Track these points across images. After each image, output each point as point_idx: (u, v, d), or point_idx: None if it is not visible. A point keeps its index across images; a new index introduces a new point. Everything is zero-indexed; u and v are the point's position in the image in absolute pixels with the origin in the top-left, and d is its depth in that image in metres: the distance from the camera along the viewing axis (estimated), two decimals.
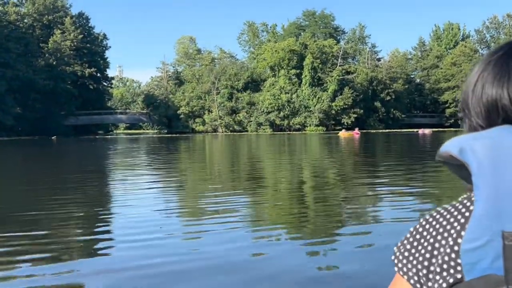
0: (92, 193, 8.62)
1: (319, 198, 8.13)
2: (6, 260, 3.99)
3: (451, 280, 0.54)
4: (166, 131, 60.86)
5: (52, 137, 45.56)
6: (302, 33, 70.81)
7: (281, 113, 61.85)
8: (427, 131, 49.53)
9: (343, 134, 47.17)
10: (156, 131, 65.89)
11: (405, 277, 0.63)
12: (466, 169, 0.54)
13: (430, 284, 0.58)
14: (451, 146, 0.56)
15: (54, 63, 56.24)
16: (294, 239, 5.04)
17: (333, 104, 61.12)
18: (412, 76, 77.32)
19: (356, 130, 48.67)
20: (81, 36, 58.82)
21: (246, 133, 58.80)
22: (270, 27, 74.65)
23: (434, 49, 76.49)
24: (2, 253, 4.24)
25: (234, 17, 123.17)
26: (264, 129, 59.13)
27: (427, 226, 0.61)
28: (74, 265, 3.88)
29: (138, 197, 7.94)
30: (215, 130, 58.89)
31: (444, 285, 0.55)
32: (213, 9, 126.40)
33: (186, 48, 64.74)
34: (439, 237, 0.58)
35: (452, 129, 61.75)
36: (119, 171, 13.86)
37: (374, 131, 55.33)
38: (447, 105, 69.31)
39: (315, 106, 61.63)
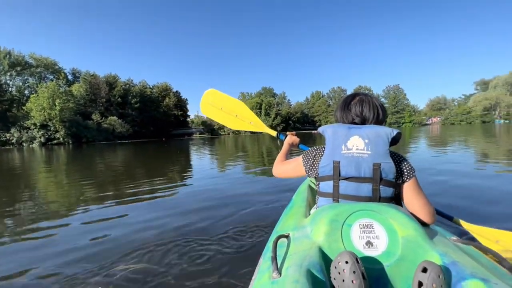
0: (177, 161, 11.69)
1: None
2: (133, 192, 5.15)
3: (316, 174, 1.51)
4: (210, 135, 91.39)
5: (163, 139, 67.08)
6: (261, 95, 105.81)
7: None
8: (315, 131, 61.80)
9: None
10: (205, 135, 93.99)
11: (305, 166, 1.55)
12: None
13: (310, 172, 1.53)
14: (320, 129, 1.54)
15: (166, 110, 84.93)
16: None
17: (273, 122, 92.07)
18: (304, 111, 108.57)
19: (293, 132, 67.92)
20: (176, 100, 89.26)
21: (239, 134, 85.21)
22: (249, 93, 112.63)
23: (312, 100, 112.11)
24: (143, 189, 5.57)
25: (233, 87, 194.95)
26: (246, 133, 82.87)
27: (311, 151, 1.56)
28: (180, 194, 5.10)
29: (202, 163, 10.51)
30: (228, 134, 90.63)
31: (315, 176, 1.52)
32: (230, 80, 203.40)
33: None
34: (315, 157, 1.53)
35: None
36: (194, 149, 19.96)
37: None
38: (310, 121, 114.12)
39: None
